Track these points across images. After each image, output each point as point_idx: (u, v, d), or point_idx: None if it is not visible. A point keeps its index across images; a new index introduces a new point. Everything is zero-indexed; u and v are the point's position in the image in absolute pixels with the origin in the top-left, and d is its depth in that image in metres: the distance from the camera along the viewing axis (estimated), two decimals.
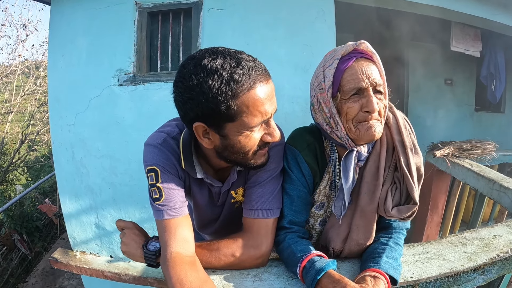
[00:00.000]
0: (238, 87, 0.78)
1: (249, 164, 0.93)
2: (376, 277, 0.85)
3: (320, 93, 0.94)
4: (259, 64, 0.83)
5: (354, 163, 0.94)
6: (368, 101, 0.88)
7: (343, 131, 0.92)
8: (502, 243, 1.09)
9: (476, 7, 3.07)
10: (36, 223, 5.74)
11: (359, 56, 0.91)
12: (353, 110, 0.89)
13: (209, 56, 0.80)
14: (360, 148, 0.94)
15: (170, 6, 2.84)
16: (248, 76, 0.79)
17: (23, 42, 9.22)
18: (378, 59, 0.91)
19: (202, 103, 0.79)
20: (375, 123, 0.89)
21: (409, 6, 2.97)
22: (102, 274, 2.86)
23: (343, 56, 0.91)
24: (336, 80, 0.90)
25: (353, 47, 0.91)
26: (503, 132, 4.60)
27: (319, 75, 0.94)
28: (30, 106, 9.43)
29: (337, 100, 0.91)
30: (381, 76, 0.91)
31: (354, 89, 0.88)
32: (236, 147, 0.87)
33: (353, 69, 0.89)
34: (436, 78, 4.76)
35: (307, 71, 2.71)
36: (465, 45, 3.52)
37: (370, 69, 0.89)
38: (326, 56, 0.96)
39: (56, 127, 2.97)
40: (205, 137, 0.88)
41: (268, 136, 0.89)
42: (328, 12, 2.73)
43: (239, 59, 0.80)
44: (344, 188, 0.94)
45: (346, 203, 0.96)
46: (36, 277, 5.07)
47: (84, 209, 3.01)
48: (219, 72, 0.77)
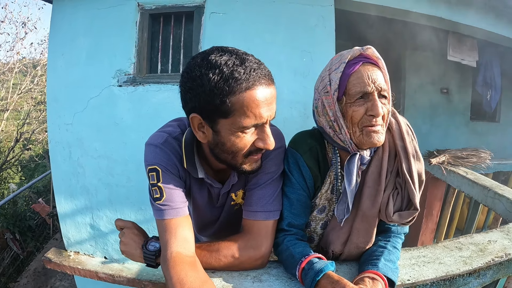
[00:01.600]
0: (236, 85, 0.80)
1: (238, 168, 0.93)
2: (374, 279, 0.86)
3: (325, 96, 0.95)
4: (263, 68, 0.84)
5: (357, 166, 0.95)
6: (373, 105, 0.89)
7: (347, 134, 0.93)
8: (496, 248, 1.11)
9: (473, 17, 3.13)
10: (29, 222, 5.69)
11: (365, 61, 0.92)
12: (358, 114, 0.91)
13: (218, 52, 0.83)
14: (363, 152, 0.95)
15: (172, 9, 2.86)
16: (248, 76, 0.80)
17: (21, 40, 9.17)
18: (383, 65, 0.93)
19: (200, 94, 0.81)
20: (379, 129, 0.91)
21: (407, 15, 3.02)
22: (96, 275, 2.83)
23: (350, 60, 0.92)
24: (342, 83, 0.92)
25: (359, 52, 0.93)
26: (498, 141, 4.66)
27: (325, 79, 0.95)
28: (26, 105, 9.37)
29: (342, 104, 0.93)
30: (386, 81, 0.92)
31: (359, 93, 0.90)
32: (226, 145, 0.88)
33: (359, 73, 0.90)
34: (432, 86, 4.81)
35: (306, 77, 2.74)
36: (462, 54, 3.57)
37: (375, 74, 0.90)
38: (332, 60, 0.97)
39: (53, 126, 2.96)
40: (200, 130, 0.89)
41: (260, 142, 0.88)
42: (328, 19, 2.76)
43: (244, 59, 0.82)
44: (348, 191, 0.95)
45: (349, 206, 0.96)
46: (28, 277, 5.01)
47: (79, 209, 2.98)
48: (221, 67, 0.79)
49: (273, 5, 2.77)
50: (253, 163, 0.93)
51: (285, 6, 2.76)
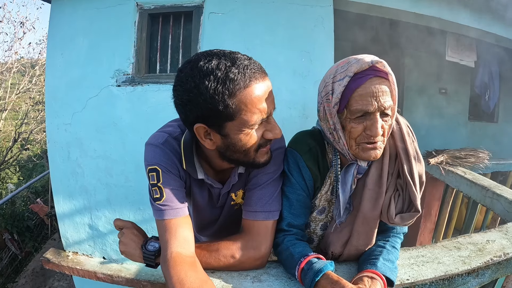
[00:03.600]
0: (234, 86, 0.80)
1: (252, 163, 0.94)
2: (373, 278, 0.86)
3: (327, 104, 0.93)
4: (254, 63, 0.84)
5: (353, 175, 0.96)
6: (372, 125, 0.87)
7: (345, 145, 0.93)
8: (495, 247, 1.12)
9: (471, 18, 3.14)
10: (27, 222, 5.69)
11: (374, 74, 0.86)
12: (356, 131, 0.89)
13: (205, 58, 0.82)
14: (360, 162, 0.96)
15: (171, 9, 2.86)
16: (243, 74, 0.81)
17: (20, 40, 9.16)
18: (393, 79, 0.87)
19: (200, 104, 0.81)
20: (376, 145, 0.90)
21: (405, 15, 3.03)
22: (95, 276, 2.83)
23: (356, 73, 0.86)
24: (344, 97, 0.88)
25: (368, 66, 0.85)
26: (496, 141, 4.67)
27: (328, 86, 0.92)
28: (24, 105, 9.34)
29: (343, 116, 0.91)
30: (393, 96, 0.88)
31: (361, 111, 0.87)
32: (237, 145, 0.88)
33: (363, 90, 0.85)
34: (431, 87, 4.83)
35: (305, 77, 2.74)
36: (460, 55, 3.58)
37: (381, 91, 0.85)
38: (338, 67, 0.92)
39: (52, 126, 2.95)
40: (207, 138, 0.89)
41: (269, 133, 0.90)
42: (327, 20, 2.77)
43: (234, 58, 0.82)
44: (341, 198, 0.96)
45: (341, 212, 0.98)
46: (26, 278, 5.00)
47: (78, 209, 2.98)
48: (214, 72, 0.79)
49: (272, 5, 2.77)
50: (264, 155, 0.94)
51: (284, 7, 2.77)
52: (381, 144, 0.91)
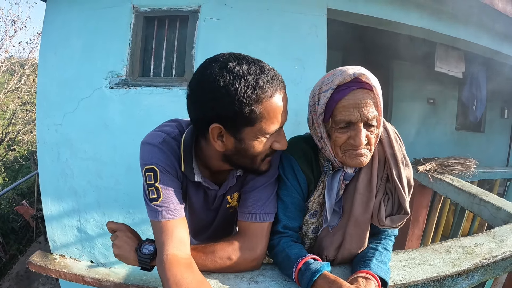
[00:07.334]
0: (262, 93, 0.82)
1: (255, 170, 0.97)
2: (368, 278, 0.88)
3: (314, 113, 0.97)
4: (278, 74, 0.88)
5: (339, 182, 0.99)
6: (356, 135, 0.90)
7: (331, 153, 0.97)
8: (483, 250, 1.15)
9: (460, 29, 3.24)
10: (12, 224, 5.55)
11: (357, 86, 0.88)
12: (340, 140, 0.93)
13: (234, 60, 0.84)
14: (347, 169, 0.99)
15: (167, 13, 2.87)
16: (271, 83, 0.84)
17: (10, 38, 9.00)
18: (377, 91, 0.89)
19: (226, 105, 0.82)
20: (362, 152, 0.93)
21: (396, 26, 3.11)
22: (82, 279, 2.78)
23: (339, 85, 0.89)
24: (328, 108, 0.92)
25: (350, 78, 0.88)
26: (483, 150, 4.80)
27: (315, 96, 0.96)
28: (12, 104, 9.16)
29: (328, 126, 0.94)
30: (378, 107, 0.90)
31: (344, 122, 0.90)
32: (249, 151, 0.90)
33: (346, 102, 0.88)
34: (419, 97, 4.94)
35: (298, 85, 2.77)
36: (449, 66, 3.68)
37: (364, 102, 0.88)
38: (325, 79, 0.95)
39: (42, 126, 2.91)
40: (219, 139, 0.90)
41: (277, 144, 0.93)
42: (320, 28, 2.83)
43: (262, 67, 0.85)
44: (327, 204, 0.99)
45: (328, 217, 1.01)
46: (10, 281, 4.87)
47: (66, 211, 2.93)
48: (245, 77, 0.81)
49: (267, 12, 2.81)
50: (267, 163, 0.97)
51: (279, 14, 2.81)
52: (367, 152, 0.94)
